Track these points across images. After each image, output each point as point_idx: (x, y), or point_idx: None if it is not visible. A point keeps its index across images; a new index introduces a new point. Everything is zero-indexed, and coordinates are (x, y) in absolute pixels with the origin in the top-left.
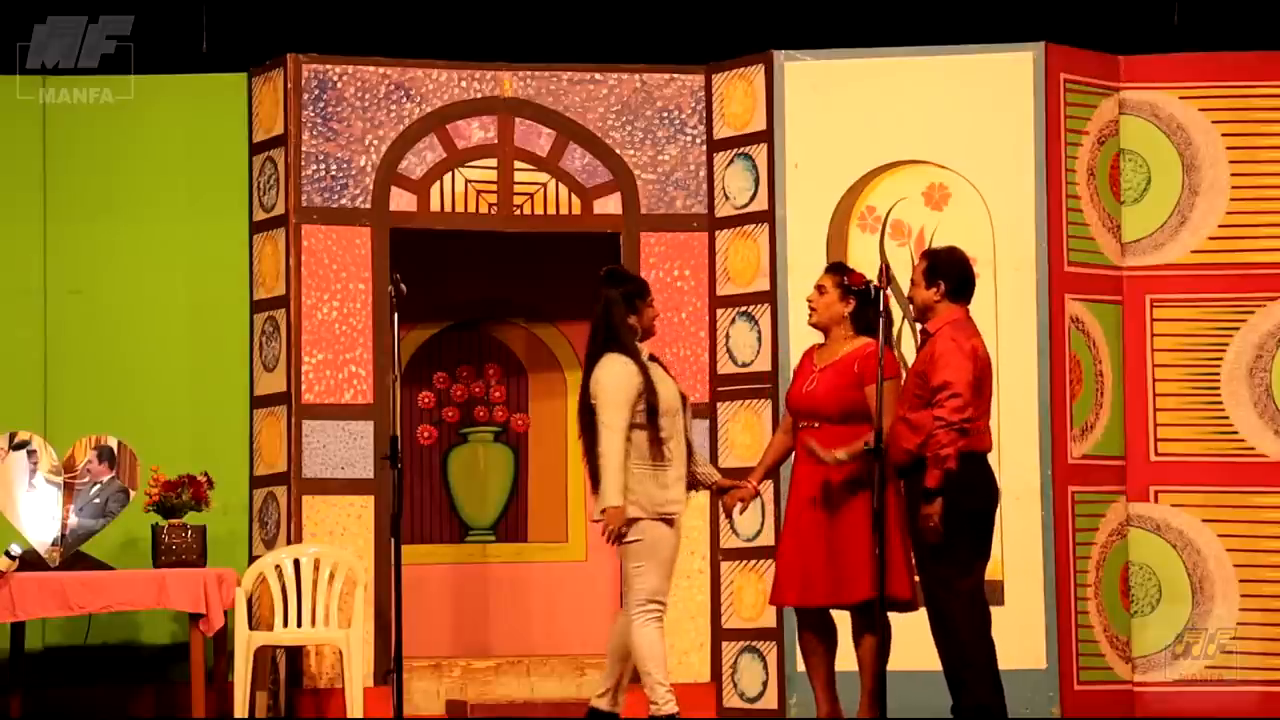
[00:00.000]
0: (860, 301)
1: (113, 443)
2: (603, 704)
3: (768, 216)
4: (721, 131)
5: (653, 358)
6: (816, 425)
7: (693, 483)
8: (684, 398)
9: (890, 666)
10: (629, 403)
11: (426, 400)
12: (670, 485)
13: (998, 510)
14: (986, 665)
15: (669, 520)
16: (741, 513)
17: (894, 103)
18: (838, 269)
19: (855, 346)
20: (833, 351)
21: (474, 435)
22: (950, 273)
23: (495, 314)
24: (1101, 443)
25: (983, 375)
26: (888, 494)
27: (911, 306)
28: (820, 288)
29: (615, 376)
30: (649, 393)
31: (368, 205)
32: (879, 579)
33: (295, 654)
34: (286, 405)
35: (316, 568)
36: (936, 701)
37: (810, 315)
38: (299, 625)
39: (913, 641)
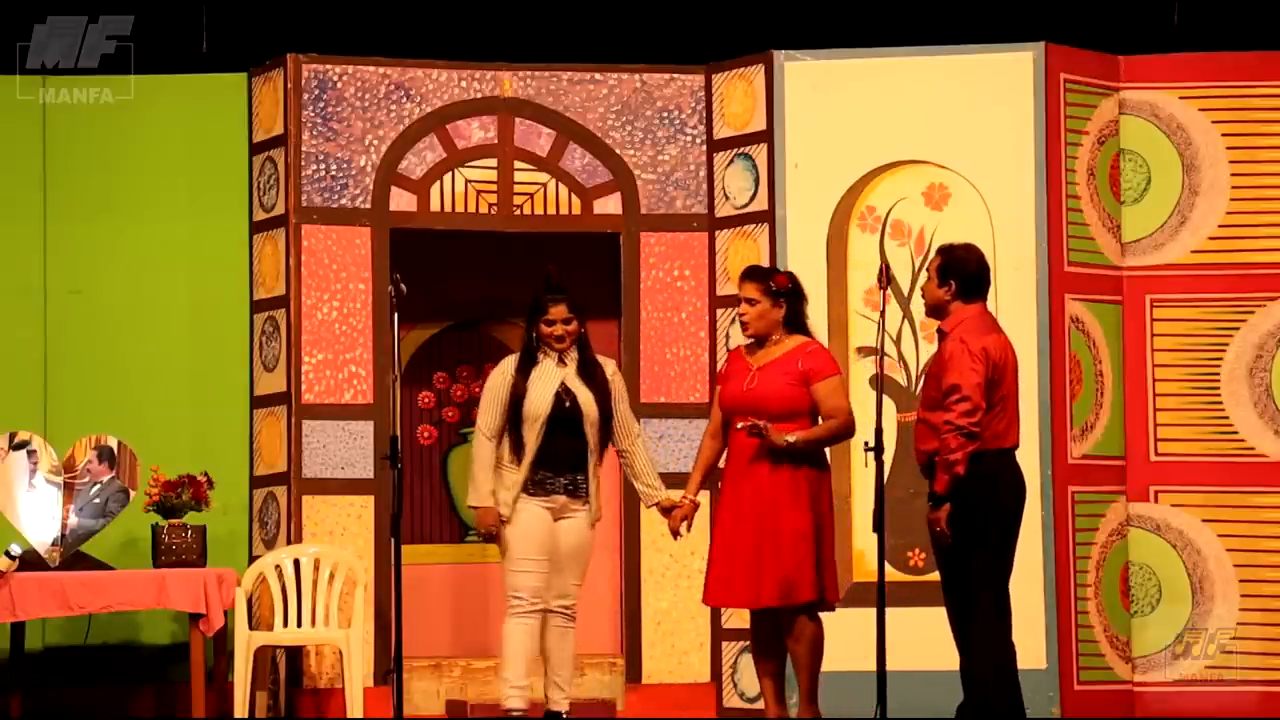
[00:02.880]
0: (790, 301)
1: (113, 443)
2: (551, 705)
3: (768, 216)
4: (721, 131)
5: (585, 363)
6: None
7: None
8: (578, 408)
9: (890, 666)
10: (499, 405)
11: (426, 400)
12: (510, 487)
13: (1024, 508)
14: (996, 664)
15: (504, 519)
16: (688, 530)
17: (894, 103)
18: (757, 275)
19: (795, 344)
20: (769, 351)
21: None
22: (961, 271)
23: (495, 314)
24: (1101, 443)
25: (998, 373)
26: (821, 494)
27: (924, 303)
28: (750, 300)
29: (489, 381)
30: (513, 395)
31: (368, 205)
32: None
33: (295, 654)
34: (286, 405)
35: (316, 568)
36: (936, 702)
37: (744, 329)
38: (299, 625)
39: (914, 641)
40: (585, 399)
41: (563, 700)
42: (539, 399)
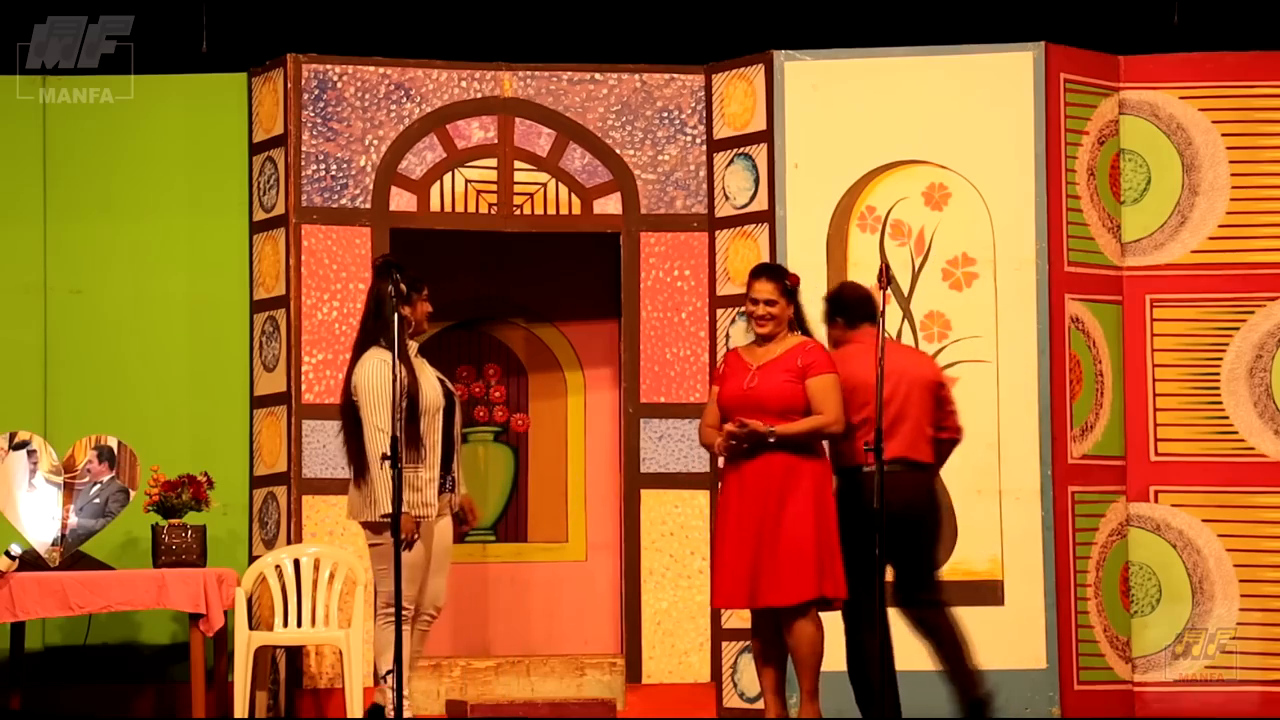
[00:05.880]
0: (797, 300)
1: (113, 443)
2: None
3: (768, 216)
4: (721, 131)
5: (421, 353)
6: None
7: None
8: (453, 398)
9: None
10: (387, 401)
11: None
12: (423, 487)
13: (883, 525)
14: (854, 672)
15: (419, 520)
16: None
17: (894, 103)
18: (776, 274)
19: (796, 342)
20: (770, 350)
21: (474, 435)
22: (838, 303)
23: (495, 314)
24: (1101, 443)
25: (846, 394)
26: (823, 490)
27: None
28: (769, 301)
29: (375, 375)
30: (409, 388)
31: (368, 205)
32: (882, 578)
33: (295, 654)
34: (286, 405)
35: (316, 568)
36: (936, 702)
37: (763, 326)
38: (299, 625)
39: (914, 641)
40: (448, 386)
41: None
42: (430, 390)
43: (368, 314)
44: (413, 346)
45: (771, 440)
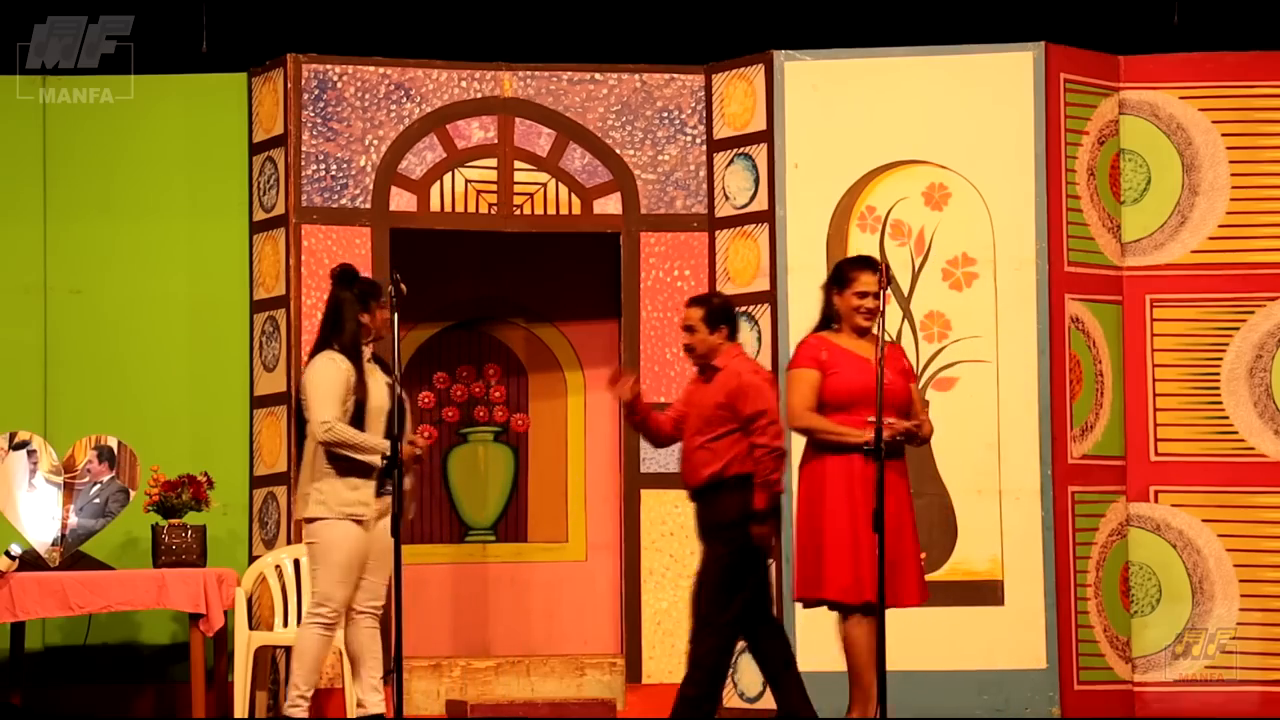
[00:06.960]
0: (730, 321)
1: (113, 443)
2: (371, 709)
3: (768, 216)
4: (721, 131)
5: (376, 359)
6: (870, 420)
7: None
8: (403, 402)
9: (890, 666)
10: (339, 399)
11: (427, 400)
12: (360, 486)
13: None
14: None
15: (358, 521)
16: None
17: (894, 103)
18: (877, 266)
19: (888, 341)
20: (868, 345)
21: (474, 435)
22: (730, 316)
23: (495, 314)
24: (1101, 443)
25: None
26: (902, 494)
27: (693, 353)
28: (875, 294)
29: (321, 374)
30: (357, 391)
31: (368, 205)
32: (890, 579)
33: None
34: (286, 405)
35: None
36: (936, 702)
37: (870, 320)
38: (299, 625)
39: (914, 641)
40: (398, 392)
41: (380, 702)
42: (379, 393)
43: (325, 320)
44: (366, 352)
45: (918, 442)
